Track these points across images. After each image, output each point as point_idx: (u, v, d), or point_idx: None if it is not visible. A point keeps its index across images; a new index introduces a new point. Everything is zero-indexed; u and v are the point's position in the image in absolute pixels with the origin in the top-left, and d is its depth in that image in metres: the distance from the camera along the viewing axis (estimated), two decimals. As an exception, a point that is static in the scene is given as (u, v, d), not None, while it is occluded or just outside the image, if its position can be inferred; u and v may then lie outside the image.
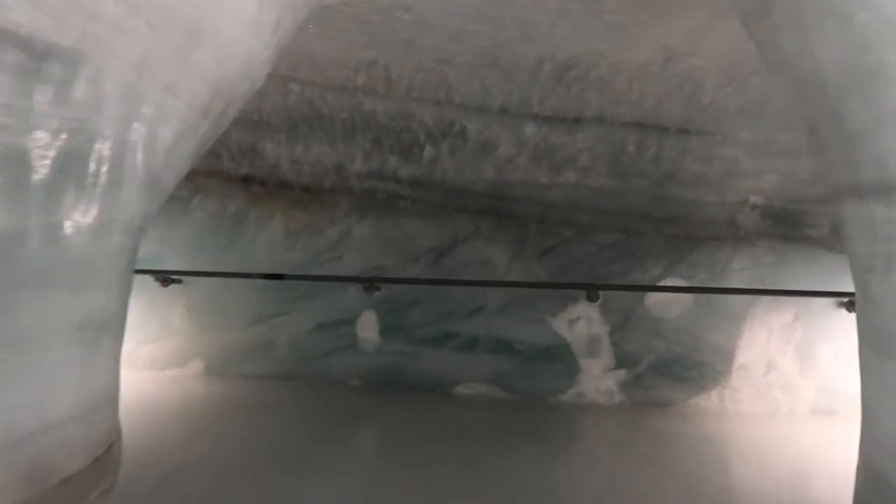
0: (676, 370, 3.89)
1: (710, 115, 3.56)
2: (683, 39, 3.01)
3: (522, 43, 3.16)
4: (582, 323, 3.98)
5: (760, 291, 3.81)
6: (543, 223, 4.10)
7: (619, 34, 2.99)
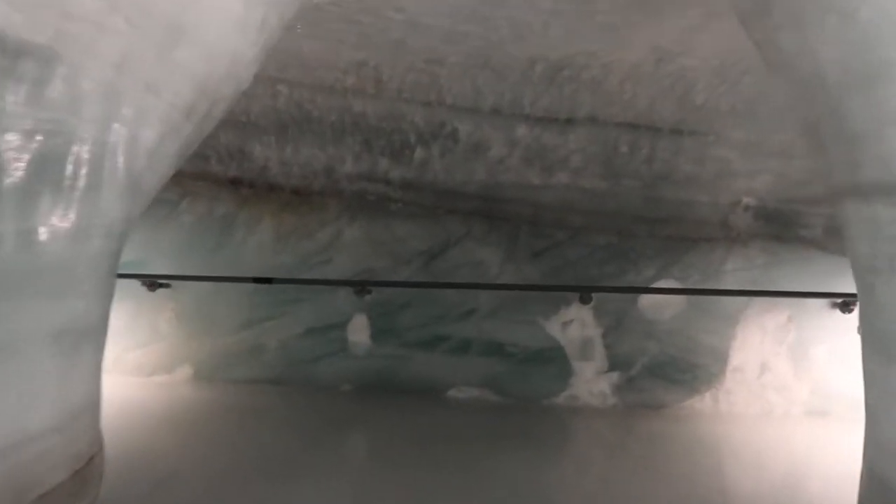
0: (670, 372, 3.89)
1: (702, 115, 3.56)
2: (675, 40, 3.01)
3: (514, 43, 3.14)
4: (575, 325, 3.97)
5: (754, 293, 3.81)
6: (536, 225, 4.09)
7: (611, 35, 2.98)
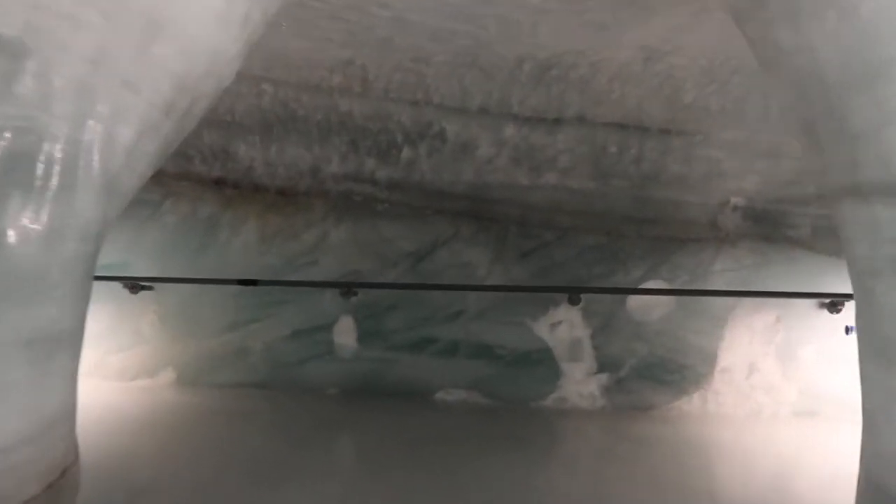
0: (659, 373, 3.88)
1: (691, 115, 3.56)
2: (664, 39, 3.01)
3: (502, 42, 3.13)
4: (563, 327, 3.95)
5: (742, 293, 3.81)
6: (524, 225, 4.06)
7: (600, 33, 2.98)
